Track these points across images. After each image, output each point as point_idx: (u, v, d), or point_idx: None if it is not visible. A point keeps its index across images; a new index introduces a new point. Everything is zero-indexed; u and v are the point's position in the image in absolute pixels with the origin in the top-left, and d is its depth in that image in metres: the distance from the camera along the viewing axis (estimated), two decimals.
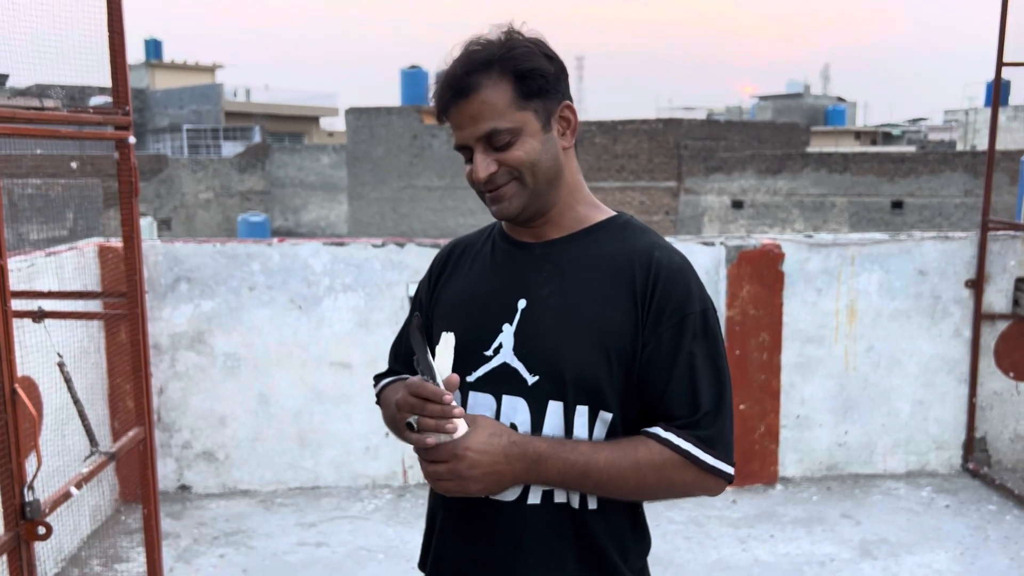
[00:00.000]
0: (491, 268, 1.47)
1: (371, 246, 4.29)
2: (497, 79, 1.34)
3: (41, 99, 2.33)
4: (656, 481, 1.33)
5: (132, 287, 2.64)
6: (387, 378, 1.64)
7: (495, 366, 1.40)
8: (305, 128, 43.74)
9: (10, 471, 2.02)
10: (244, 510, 4.17)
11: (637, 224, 1.47)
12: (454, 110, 1.36)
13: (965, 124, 29.18)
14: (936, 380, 4.56)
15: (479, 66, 1.34)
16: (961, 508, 4.19)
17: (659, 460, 1.32)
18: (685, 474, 1.33)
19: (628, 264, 1.38)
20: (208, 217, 30.46)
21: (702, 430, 1.34)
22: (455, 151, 1.42)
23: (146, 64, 42.41)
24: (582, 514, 1.38)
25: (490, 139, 1.35)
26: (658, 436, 1.33)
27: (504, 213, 1.40)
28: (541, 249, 1.44)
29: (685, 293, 1.37)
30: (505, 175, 1.36)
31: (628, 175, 23.40)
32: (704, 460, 1.33)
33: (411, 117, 27.05)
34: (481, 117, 1.34)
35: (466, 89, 1.34)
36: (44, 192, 8.94)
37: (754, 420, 4.37)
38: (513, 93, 1.34)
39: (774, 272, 4.30)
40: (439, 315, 1.51)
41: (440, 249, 1.60)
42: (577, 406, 1.36)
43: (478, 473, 1.30)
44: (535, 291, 1.40)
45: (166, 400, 4.28)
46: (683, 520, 4.03)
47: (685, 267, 1.40)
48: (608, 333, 1.35)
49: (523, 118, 1.35)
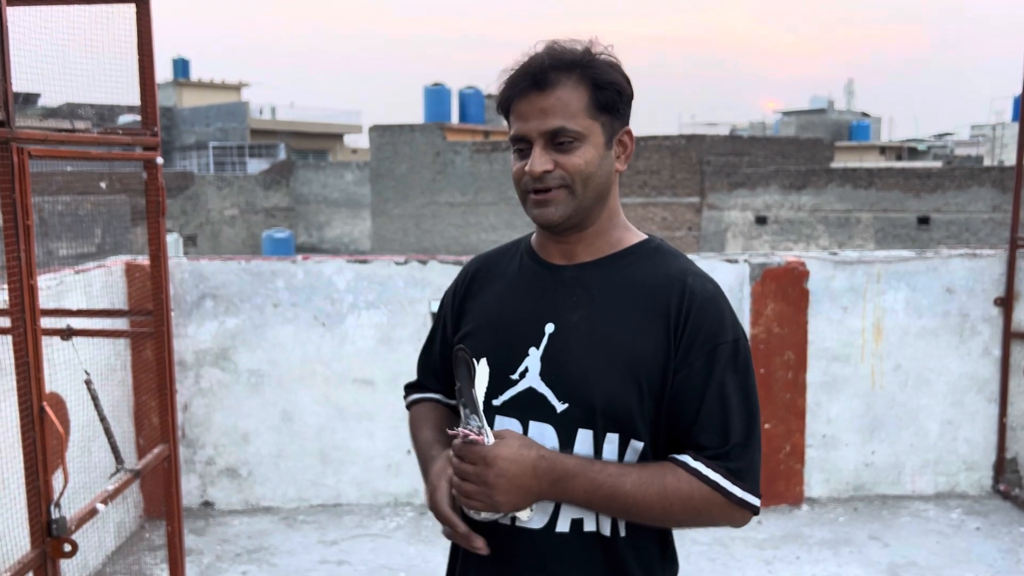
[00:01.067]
0: (518, 289, 1.45)
1: (394, 263, 4.31)
2: (577, 82, 1.34)
3: (72, 120, 2.37)
4: (682, 510, 1.31)
5: (158, 305, 2.67)
6: (416, 392, 1.62)
7: (521, 390, 1.38)
8: (329, 145, 44.16)
9: (37, 488, 2.04)
10: (267, 527, 4.18)
11: (668, 248, 1.45)
12: (525, 100, 1.35)
13: (992, 139, 28.87)
14: (965, 399, 4.49)
15: (564, 65, 1.34)
16: (992, 530, 4.11)
17: (687, 489, 1.30)
18: (712, 505, 1.31)
19: (660, 291, 1.36)
20: (233, 233, 30.78)
21: (732, 462, 1.32)
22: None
23: (174, 83, 43.09)
24: (613, 542, 1.36)
25: (555, 136, 1.33)
26: (687, 465, 1.31)
27: (545, 218, 1.37)
28: (571, 272, 1.42)
29: (718, 323, 1.35)
30: (557, 179, 1.35)
31: (650, 191, 23.37)
32: (732, 492, 1.31)
33: (434, 134, 27.23)
34: (553, 113, 1.33)
35: (545, 82, 1.33)
36: (74, 209, 9.08)
37: (779, 439, 4.32)
38: (588, 100, 1.34)
39: (799, 290, 4.26)
40: (464, 333, 1.49)
41: (465, 264, 1.59)
42: (607, 434, 1.34)
43: (504, 483, 1.27)
44: (564, 315, 1.38)
45: (190, 416, 4.31)
46: (707, 541, 3.99)
47: (718, 295, 1.38)
48: (639, 361, 1.33)
49: (591, 127, 1.35)
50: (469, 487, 1.29)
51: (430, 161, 27.08)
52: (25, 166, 1.89)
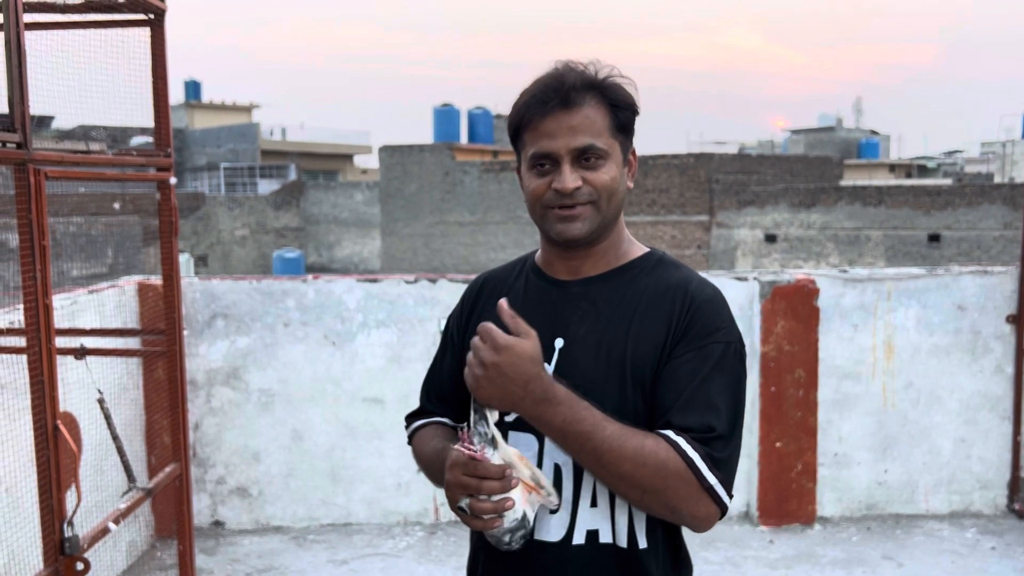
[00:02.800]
0: (527, 306, 1.46)
1: (404, 282, 4.33)
2: (598, 103, 1.38)
3: (86, 141, 2.41)
4: (651, 476, 1.27)
5: (171, 325, 2.69)
6: (419, 419, 1.61)
7: None
8: (339, 166, 44.41)
9: (51, 506, 2.05)
10: (277, 547, 4.18)
11: (670, 260, 1.48)
12: (551, 118, 1.37)
13: (1002, 156, 28.81)
14: (978, 417, 4.46)
15: (585, 85, 1.37)
16: (1007, 550, 4.07)
17: (663, 456, 1.27)
18: (681, 482, 1.27)
19: (665, 299, 1.40)
20: (244, 253, 30.93)
21: (712, 450, 1.29)
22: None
23: (185, 104, 43.51)
24: (629, 553, 1.37)
25: (583, 154, 1.37)
26: (668, 437, 1.29)
27: (571, 233, 1.39)
28: (577, 287, 1.44)
29: (712, 322, 1.38)
30: (586, 195, 1.38)
31: (659, 209, 23.38)
32: (705, 476, 1.27)
33: (443, 154, 27.36)
34: (582, 131, 1.36)
35: (571, 101, 1.36)
36: (86, 230, 9.15)
37: (791, 458, 4.30)
38: (609, 120, 1.39)
39: (809, 307, 4.25)
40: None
41: (471, 283, 1.60)
42: None
43: (495, 373, 1.26)
44: (572, 330, 1.41)
45: (201, 436, 4.32)
46: (719, 560, 3.96)
47: (717, 299, 1.41)
48: (642, 368, 1.36)
49: (613, 145, 1.39)
50: (470, 360, 1.29)
51: (439, 181, 27.20)
52: (42, 187, 1.92)
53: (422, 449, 1.54)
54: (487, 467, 1.24)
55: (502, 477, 1.25)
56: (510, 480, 1.25)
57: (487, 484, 1.25)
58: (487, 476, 1.25)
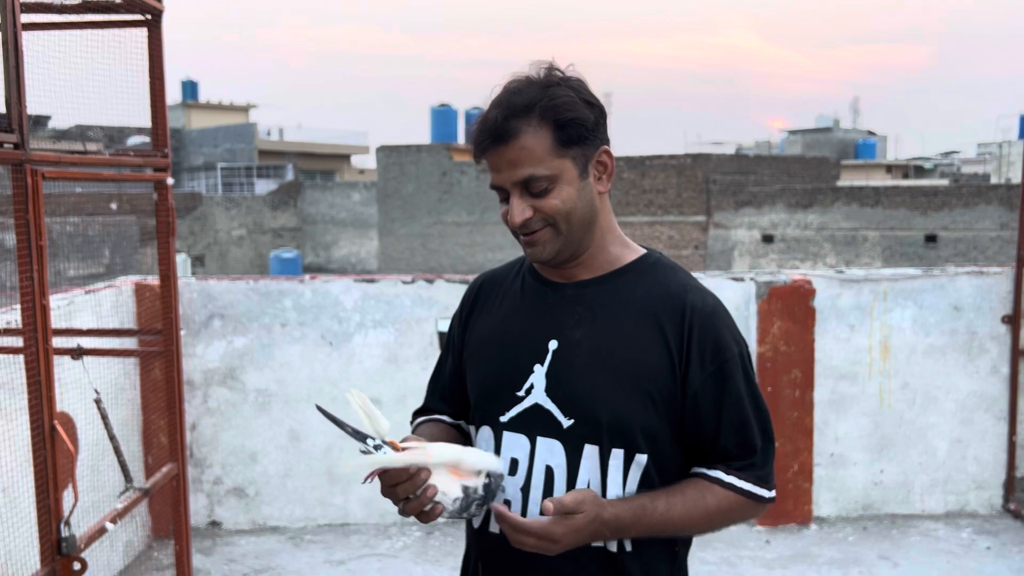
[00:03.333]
0: (521, 308, 1.47)
1: (401, 282, 4.33)
2: (537, 126, 1.33)
3: (83, 141, 2.41)
4: (722, 521, 1.41)
5: (168, 325, 2.69)
6: (422, 416, 1.64)
7: (527, 407, 1.40)
8: (337, 166, 44.40)
9: (48, 506, 2.05)
10: (274, 547, 4.18)
11: (667, 263, 1.47)
12: (492, 153, 1.36)
13: (999, 157, 28.87)
14: (974, 418, 4.47)
15: (519, 111, 1.33)
16: (1003, 550, 4.08)
17: (726, 505, 1.39)
18: (746, 509, 1.42)
19: (662, 307, 1.39)
20: (241, 254, 30.91)
21: (759, 469, 1.42)
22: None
23: (182, 104, 43.47)
24: (619, 557, 1.38)
25: (527, 185, 1.34)
26: (722, 481, 1.39)
27: (538, 257, 1.40)
28: (572, 290, 1.44)
29: (722, 337, 1.39)
30: (540, 221, 1.36)
31: (656, 210, 23.41)
32: (763, 496, 1.42)
33: (440, 154, 27.37)
34: (519, 163, 1.33)
35: (505, 135, 1.33)
36: (83, 230, 9.14)
37: (787, 458, 4.31)
38: (552, 140, 1.33)
39: (805, 308, 4.26)
40: (470, 352, 1.51)
41: (470, 284, 1.61)
42: (612, 449, 1.36)
43: (563, 550, 1.31)
44: (567, 333, 1.40)
45: (198, 436, 4.32)
46: (715, 560, 3.97)
47: (719, 309, 1.42)
48: (643, 377, 1.36)
49: (561, 165, 1.34)
50: (522, 547, 1.31)
51: (437, 181, 27.20)
52: (39, 188, 1.92)
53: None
54: (391, 476, 1.29)
55: (407, 479, 1.28)
56: (419, 475, 1.28)
57: (399, 489, 1.29)
58: (395, 483, 1.29)
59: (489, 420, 1.45)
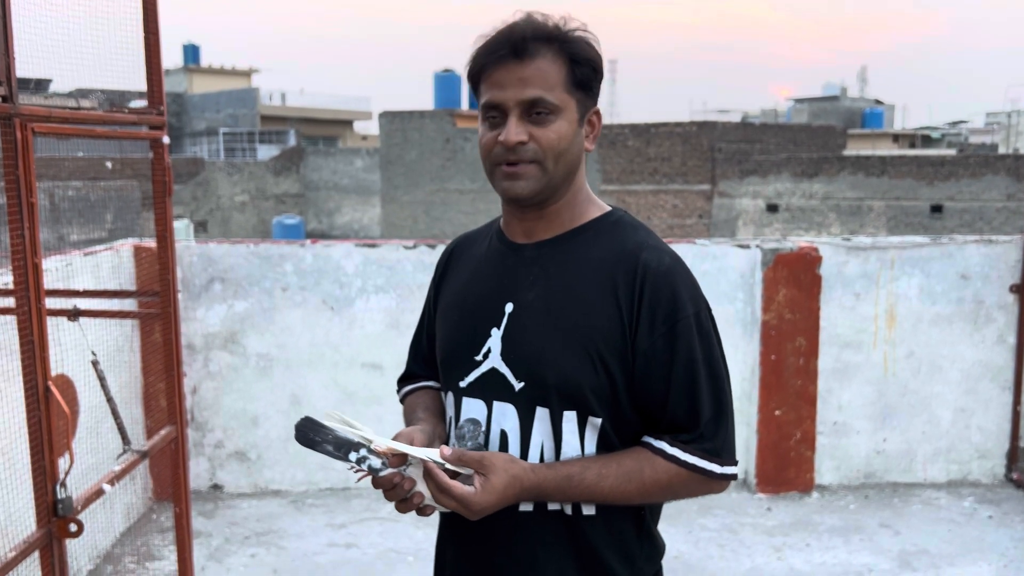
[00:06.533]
0: (483, 271, 1.46)
1: (403, 247, 4.29)
2: (556, 55, 1.32)
3: (77, 99, 2.35)
4: (661, 494, 1.36)
5: (165, 286, 2.66)
6: (408, 383, 1.64)
7: (484, 371, 1.39)
8: (339, 132, 44.11)
9: (43, 468, 2.03)
10: (275, 510, 4.18)
11: (629, 221, 1.43)
12: (502, 68, 1.32)
13: (1007, 126, 28.60)
14: (979, 387, 4.44)
15: (543, 36, 1.32)
16: (1004, 519, 4.07)
17: (665, 479, 1.33)
18: (693, 483, 1.35)
19: (615, 266, 1.35)
20: (243, 219, 30.83)
21: (707, 441, 1.33)
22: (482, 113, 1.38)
23: (184, 69, 43.09)
24: (576, 521, 1.36)
25: (532, 107, 1.31)
26: (664, 452, 1.33)
27: (515, 192, 1.35)
28: (531, 252, 1.41)
29: (674, 297, 1.33)
30: (530, 153, 1.32)
31: (661, 178, 23.25)
32: (712, 471, 1.34)
33: (444, 121, 27.15)
34: (532, 83, 1.30)
35: (524, 51, 1.30)
36: (84, 195, 9.09)
37: (790, 426, 4.29)
38: (565, 75, 1.32)
39: (811, 276, 4.22)
40: (438, 317, 1.52)
41: (447, 246, 1.60)
42: (564, 412, 1.34)
43: (484, 514, 1.30)
44: (522, 295, 1.38)
45: (199, 400, 4.31)
46: (716, 527, 3.97)
47: (674, 268, 1.35)
48: (592, 338, 1.32)
49: (567, 101, 1.33)
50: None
51: (440, 148, 27.02)
52: (29, 142, 1.87)
53: (408, 418, 1.57)
54: (379, 482, 1.30)
55: (393, 487, 1.29)
56: (404, 484, 1.28)
57: (387, 495, 1.30)
58: (384, 489, 1.30)
59: (450, 385, 1.44)
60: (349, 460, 1.28)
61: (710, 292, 4.25)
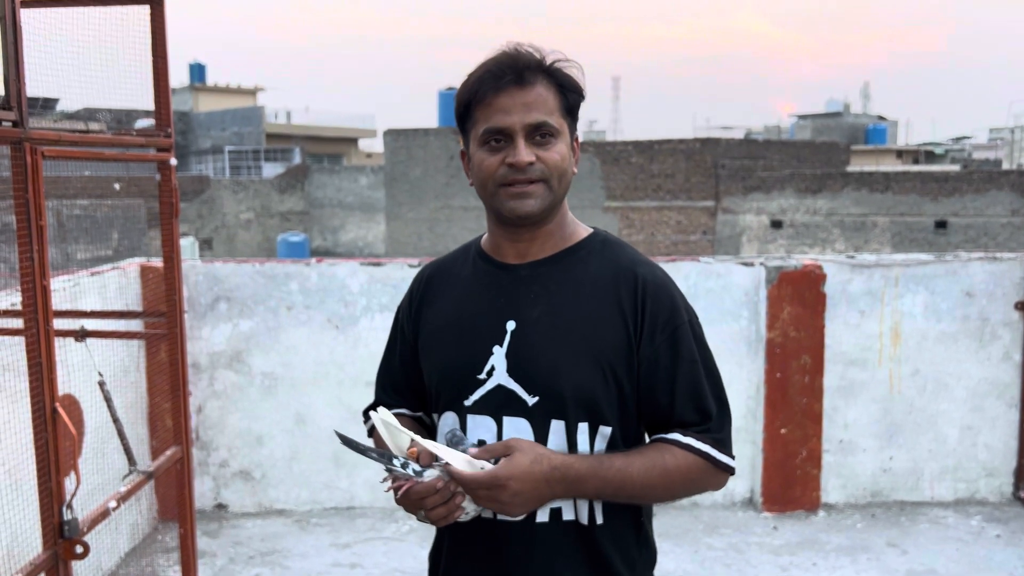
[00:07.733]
0: (475, 291, 1.49)
1: (407, 266, 4.30)
2: (548, 84, 1.41)
3: (87, 122, 2.38)
4: (681, 483, 1.41)
5: (172, 307, 2.67)
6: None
7: (490, 388, 1.42)
8: (344, 149, 44.30)
9: (50, 490, 2.04)
10: (280, 530, 4.18)
11: (614, 240, 1.52)
12: (505, 94, 1.38)
13: (1011, 142, 28.61)
14: (985, 405, 4.43)
15: (534, 66, 1.41)
16: (1012, 538, 4.05)
17: (684, 465, 1.40)
18: (704, 473, 1.42)
19: (614, 282, 1.44)
20: (249, 237, 30.92)
21: (715, 433, 1.43)
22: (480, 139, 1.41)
23: (190, 87, 43.37)
24: (590, 530, 1.42)
25: (536, 130, 1.39)
26: (679, 442, 1.41)
27: (524, 209, 1.41)
28: (526, 271, 1.46)
29: (672, 306, 1.44)
30: (538, 172, 1.40)
31: (665, 194, 23.29)
32: (720, 459, 1.42)
33: (448, 138, 27.25)
34: (535, 107, 1.39)
35: (526, 79, 1.38)
36: (91, 213, 9.14)
37: (796, 444, 4.28)
38: (559, 101, 1.42)
39: (816, 293, 4.22)
40: (424, 341, 1.52)
41: (418, 273, 1.62)
42: (578, 423, 1.40)
43: (520, 500, 1.33)
44: (524, 312, 1.43)
45: (204, 419, 4.32)
46: (723, 547, 3.95)
47: (667, 281, 1.47)
48: (602, 350, 1.40)
49: (563, 125, 1.42)
50: (484, 504, 1.34)
51: (444, 165, 27.10)
52: (38, 166, 1.89)
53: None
54: (418, 491, 1.32)
55: (436, 491, 1.31)
56: (448, 487, 1.31)
57: (427, 501, 1.32)
58: (424, 496, 1.32)
59: (452, 405, 1.46)
60: (392, 464, 1.32)
61: (714, 310, 4.29)
